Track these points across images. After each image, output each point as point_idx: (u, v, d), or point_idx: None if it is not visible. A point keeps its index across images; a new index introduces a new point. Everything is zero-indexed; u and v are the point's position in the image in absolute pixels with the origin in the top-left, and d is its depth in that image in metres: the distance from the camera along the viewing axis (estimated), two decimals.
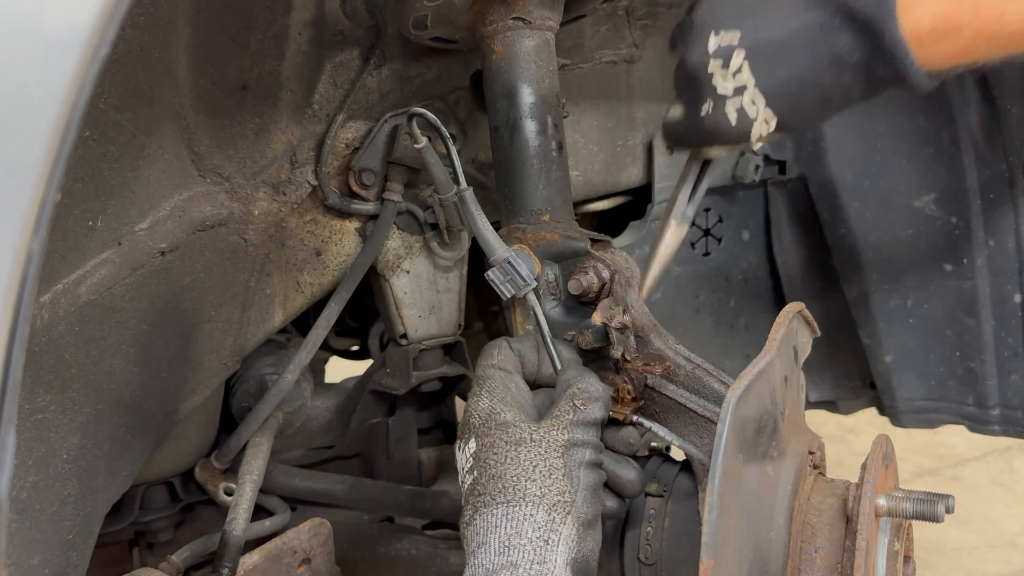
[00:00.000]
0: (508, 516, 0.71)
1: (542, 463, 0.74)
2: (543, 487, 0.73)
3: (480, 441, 0.77)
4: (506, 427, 0.77)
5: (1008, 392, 1.42)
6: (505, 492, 0.73)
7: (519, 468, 0.74)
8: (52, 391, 0.79)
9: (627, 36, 1.31)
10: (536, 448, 0.75)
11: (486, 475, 0.75)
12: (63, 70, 0.46)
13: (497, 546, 0.70)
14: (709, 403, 0.87)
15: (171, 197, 0.92)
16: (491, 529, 0.71)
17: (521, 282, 0.89)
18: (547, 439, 0.76)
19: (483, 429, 0.78)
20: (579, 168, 1.30)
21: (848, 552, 0.75)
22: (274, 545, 1.03)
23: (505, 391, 0.81)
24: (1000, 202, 1.35)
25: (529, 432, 0.76)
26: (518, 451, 0.75)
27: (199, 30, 0.91)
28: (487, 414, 0.79)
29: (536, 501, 0.72)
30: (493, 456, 0.75)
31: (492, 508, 0.72)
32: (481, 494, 0.74)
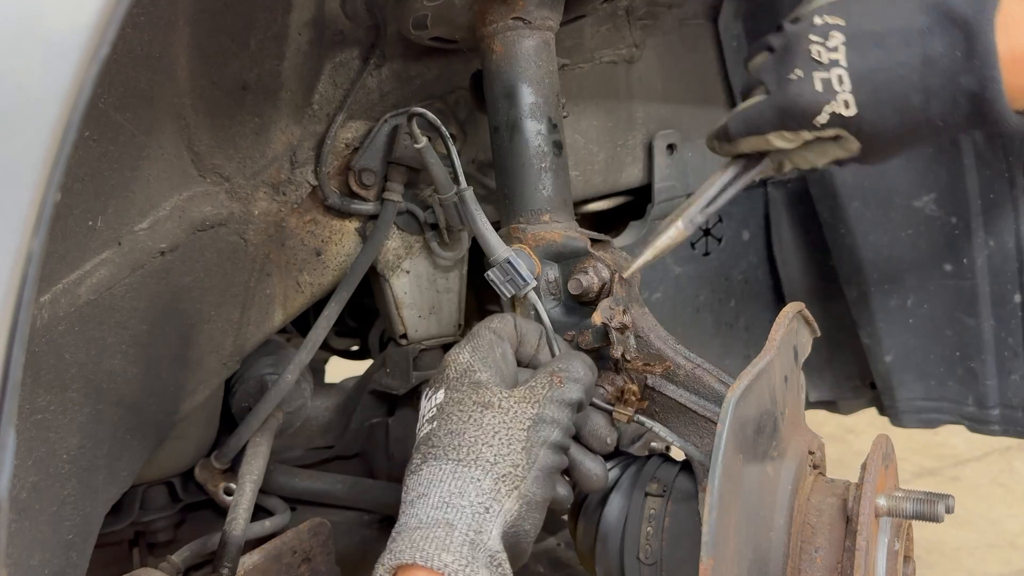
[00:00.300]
0: (455, 474, 0.71)
1: (504, 431, 0.73)
2: (497, 455, 0.72)
3: (449, 394, 0.77)
4: (478, 387, 0.76)
5: (1008, 392, 1.42)
6: (459, 450, 0.72)
7: (480, 430, 0.73)
8: (52, 391, 0.79)
9: (627, 36, 1.31)
10: (502, 415, 0.74)
11: (444, 429, 0.74)
12: (63, 70, 0.46)
13: (437, 500, 0.69)
14: (709, 403, 0.87)
15: (171, 197, 0.92)
16: (435, 482, 0.71)
17: (521, 282, 0.89)
18: (515, 409, 0.75)
19: (455, 383, 0.77)
20: (579, 168, 1.30)
21: (848, 552, 0.75)
22: (274, 545, 1.03)
23: (489, 352, 0.80)
24: (1000, 202, 1.35)
25: (500, 397, 0.75)
26: (483, 413, 0.74)
27: (199, 30, 0.91)
28: (463, 369, 0.78)
29: (487, 467, 0.71)
30: (458, 412, 0.75)
31: (441, 462, 0.72)
32: (435, 446, 0.74)
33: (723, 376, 0.88)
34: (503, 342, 0.83)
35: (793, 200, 1.55)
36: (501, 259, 0.90)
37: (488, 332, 0.82)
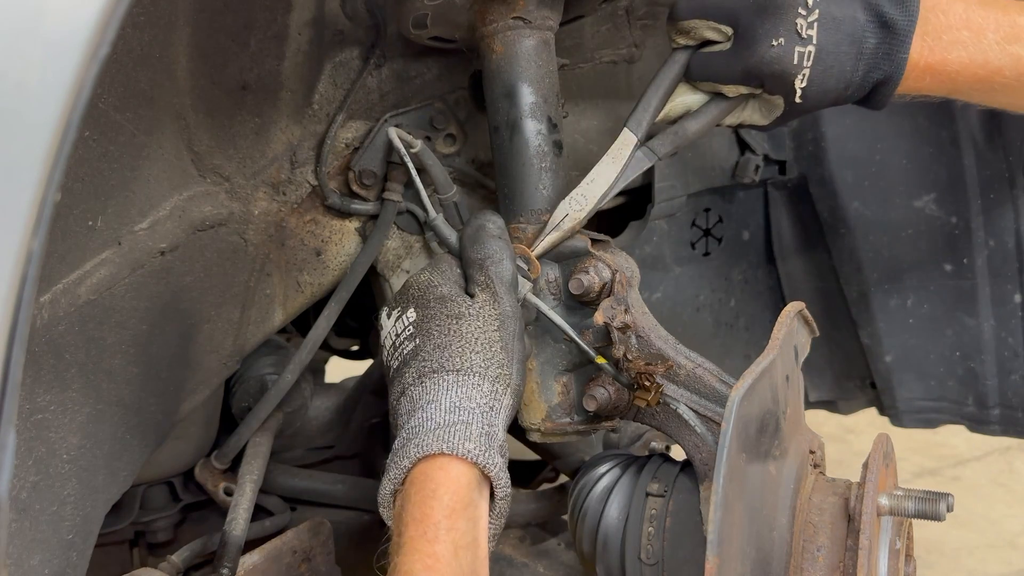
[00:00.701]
0: (459, 383, 0.79)
1: (482, 336, 0.82)
2: (485, 359, 0.81)
3: (420, 312, 0.84)
4: (444, 301, 0.84)
5: (1008, 392, 1.42)
6: (453, 360, 0.80)
7: (463, 340, 0.81)
8: (52, 391, 0.79)
9: (627, 36, 1.31)
10: (475, 321, 0.82)
11: (431, 344, 0.82)
12: (63, 70, 0.46)
13: (448, 405, 0.78)
14: (711, 403, 0.87)
15: (171, 197, 0.92)
16: (442, 390, 0.79)
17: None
18: (482, 313, 0.83)
19: (422, 300, 0.85)
20: (579, 168, 1.29)
21: (850, 551, 0.75)
22: (274, 545, 1.03)
23: (447, 270, 0.89)
24: (1000, 202, 1.35)
25: (467, 306, 0.83)
26: (459, 324, 0.82)
27: (199, 30, 0.90)
28: (425, 286, 0.86)
29: (482, 372, 0.80)
30: (436, 327, 0.82)
31: (442, 374, 0.80)
32: (427, 360, 0.81)
33: (724, 376, 0.88)
34: (452, 259, 0.93)
35: (793, 200, 1.55)
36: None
37: (438, 255, 0.93)
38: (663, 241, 1.46)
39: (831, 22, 0.86)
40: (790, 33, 0.86)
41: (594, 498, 0.94)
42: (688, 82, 0.96)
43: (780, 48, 0.86)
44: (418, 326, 0.84)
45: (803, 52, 0.86)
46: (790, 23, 0.85)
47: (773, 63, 0.86)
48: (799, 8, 0.85)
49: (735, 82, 0.91)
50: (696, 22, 0.91)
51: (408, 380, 0.82)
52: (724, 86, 0.93)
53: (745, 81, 0.90)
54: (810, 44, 0.86)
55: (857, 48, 0.87)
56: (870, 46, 0.87)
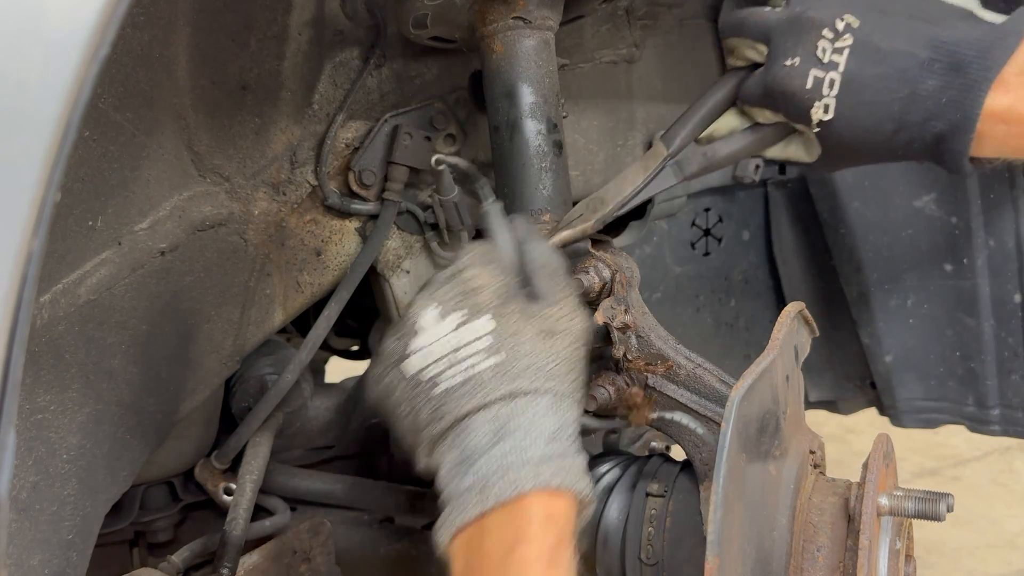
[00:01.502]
0: (555, 407, 0.72)
1: (573, 355, 0.75)
2: (574, 381, 0.75)
3: (500, 323, 0.73)
4: (527, 316, 0.74)
5: (1008, 392, 1.42)
6: (549, 382, 0.72)
7: (557, 359, 0.74)
8: (52, 391, 0.79)
9: (627, 36, 1.31)
10: (567, 338, 0.75)
11: (523, 362, 0.72)
12: (63, 70, 0.46)
13: (549, 434, 0.70)
14: (711, 403, 0.87)
15: (171, 197, 0.92)
16: (541, 414, 0.71)
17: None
18: (573, 329, 0.76)
19: (499, 309, 0.74)
20: (579, 168, 1.29)
21: (850, 551, 0.75)
22: (274, 545, 1.03)
23: (510, 272, 0.78)
24: (1000, 202, 1.35)
25: (555, 321, 0.75)
26: (552, 343, 0.74)
27: (199, 30, 0.90)
28: (503, 293, 0.75)
29: (574, 396, 0.75)
30: (525, 343, 0.73)
31: (538, 396, 0.71)
32: (517, 378, 0.71)
33: (724, 376, 0.88)
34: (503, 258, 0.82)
35: (793, 200, 1.55)
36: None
37: (494, 249, 0.80)
38: (663, 241, 1.46)
39: (872, 53, 0.79)
40: (808, 55, 0.82)
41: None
42: (737, 107, 0.93)
43: (792, 68, 0.82)
44: (499, 338, 0.72)
45: (821, 78, 0.80)
46: (810, 44, 0.81)
47: (782, 82, 0.83)
48: (824, 30, 0.81)
49: (757, 103, 0.88)
50: (735, 41, 0.89)
51: (493, 396, 0.71)
52: (752, 109, 0.90)
53: (765, 103, 0.87)
54: (834, 71, 0.80)
55: (910, 88, 0.78)
56: (929, 88, 0.77)
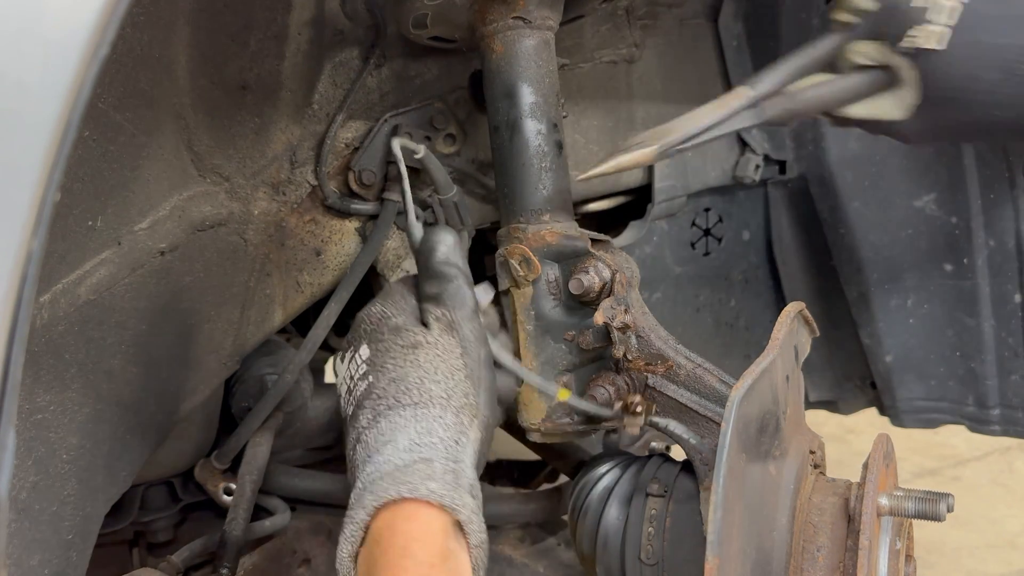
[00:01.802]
0: (417, 417, 0.69)
1: (442, 364, 0.73)
2: (447, 389, 0.71)
3: (373, 347, 0.75)
4: (399, 331, 0.75)
5: (1008, 392, 1.42)
6: (410, 393, 0.71)
7: (419, 370, 0.72)
8: (52, 391, 0.79)
9: (627, 36, 1.31)
10: (433, 349, 0.73)
11: (385, 379, 0.72)
12: (63, 70, 0.46)
13: (407, 443, 0.68)
14: (711, 403, 0.87)
15: (171, 197, 0.92)
16: (399, 429, 0.69)
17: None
18: (441, 340, 0.74)
19: (374, 334, 0.76)
20: (579, 168, 1.29)
21: (850, 551, 0.75)
22: (274, 545, 1.03)
23: (397, 299, 0.80)
24: (1000, 202, 1.35)
25: (423, 334, 0.74)
26: (416, 353, 0.73)
27: (199, 30, 0.90)
28: (378, 319, 0.77)
29: (443, 403, 0.71)
30: (391, 360, 0.73)
31: (398, 410, 0.70)
32: (381, 397, 0.71)
33: (724, 376, 0.88)
34: (404, 288, 0.83)
35: (793, 200, 1.55)
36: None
37: (389, 285, 0.83)
38: (663, 241, 1.46)
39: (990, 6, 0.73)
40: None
41: (594, 498, 0.94)
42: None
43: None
44: (371, 363, 0.74)
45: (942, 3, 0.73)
46: None
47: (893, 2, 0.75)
48: None
49: (863, 35, 0.80)
50: None
51: (362, 424, 0.72)
52: (854, 46, 0.82)
53: (872, 30, 0.79)
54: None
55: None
56: None
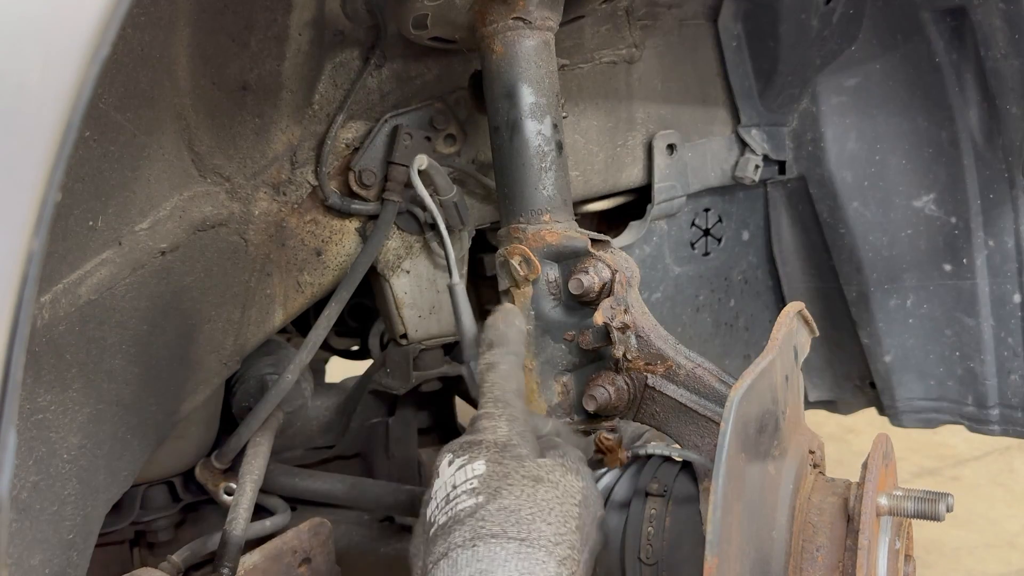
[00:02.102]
0: (520, 554, 0.65)
1: (559, 507, 0.69)
2: (557, 534, 0.67)
3: (492, 467, 0.71)
4: (522, 460, 0.71)
5: (1008, 392, 1.42)
6: (519, 527, 0.67)
7: (535, 507, 0.68)
8: (52, 391, 0.79)
9: (627, 36, 1.31)
10: (554, 490, 0.70)
11: (496, 504, 0.68)
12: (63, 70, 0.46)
13: None
14: (710, 403, 0.87)
15: (171, 197, 0.92)
16: (499, 561, 0.65)
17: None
18: (564, 483, 0.71)
19: (496, 456, 0.72)
20: (579, 168, 1.30)
21: (850, 551, 0.75)
22: (274, 545, 1.03)
23: (524, 424, 0.76)
24: (1000, 202, 1.36)
25: (548, 471, 0.71)
26: (535, 488, 0.69)
27: (199, 30, 0.90)
28: (504, 442, 0.73)
29: (550, 548, 0.66)
30: (507, 486, 0.69)
31: (502, 541, 0.66)
32: (486, 520, 0.67)
33: (724, 376, 0.88)
34: (524, 405, 0.80)
35: (793, 200, 1.55)
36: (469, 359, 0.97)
37: (516, 399, 0.79)
38: (663, 241, 1.46)
39: None
40: None
41: None
42: None
43: None
44: (485, 481, 0.69)
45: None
46: None
47: None
48: None
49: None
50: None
51: (456, 540, 0.67)
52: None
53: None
54: None
55: None
56: None
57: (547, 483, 0.70)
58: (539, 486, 0.69)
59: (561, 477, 0.71)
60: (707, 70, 1.44)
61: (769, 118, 1.49)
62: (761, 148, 1.47)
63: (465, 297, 1.03)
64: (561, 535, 0.68)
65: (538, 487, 0.69)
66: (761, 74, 1.45)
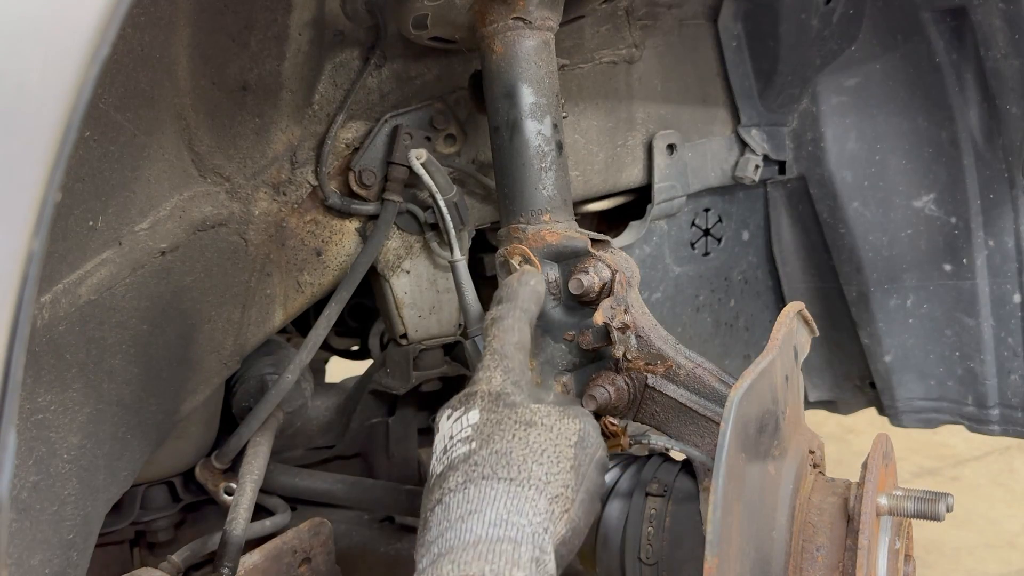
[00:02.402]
0: (509, 493, 0.66)
1: (552, 448, 0.70)
2: (548, 473, 0.68)
3: (485, 415, 0.72)
4: (515, 407, 0.73)
5: (1007, 392, 1.42)
6: (509, 468, 0.68)
7: (527, 448, 0.69)
8: (52, 391, 0.79)
9: (627, 36, 1.31)
10: (547, 432, 0.71)
11: (488, 448, 0.69)
12: (63, 70, 0.46)
13: (494, 517, 0.65)
14: (710, 403, 0.87)
15: (171, 197, 0.92)
16: (488, 500, 0.66)
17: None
18: (559, 425, 0.72)
19: (490, 404, 0.73)
20: (579, 168, 1.30)
21: (850, 551, 0.75)
22: (274, 545, 1.03)
23: (520, 373, 0.77)
24: (1000, 202, 1.36)
25: (541, 415, 0.72)
26: (527, 432, 0.70)
27: (199, 30, 0.91)
28: (497, 391, 0.75)
29: (540, 486, 0.67)
30: (499, 432, 0.71)
31: (491, 481, 0.67)
32: (478, 464, 0.69)
33: (724, 376, 0.88)
34: (524, 358, 0.80)
35: (793, 200, 1.55)
36: (473, 335, 0.96)
37: (515, 351, 0.80)
38: (663, 241, 1.46)
39: None
40: None
41: None
42: None
43: None
44: (478, 428, 0.71)
45: None
46: None
47: None
48: None
49: None
50: None
51: (450, 485, 0.68)
52: None
53: None
54: None
55: None
56: None
57: (540, 427, 0.71)
58: (531, 429, 0.71)
59: (556, 421, 0.72)
60: (707, 70, 1.44)
61: (769, 118, 1.49)
62: (761, 148, 1.47)
63: (467, 274, 1.04)
64: (553, 474, 0.68)
65: (530, 431, 0.71)
66: (761, 74, 1.45)
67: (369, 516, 1.42)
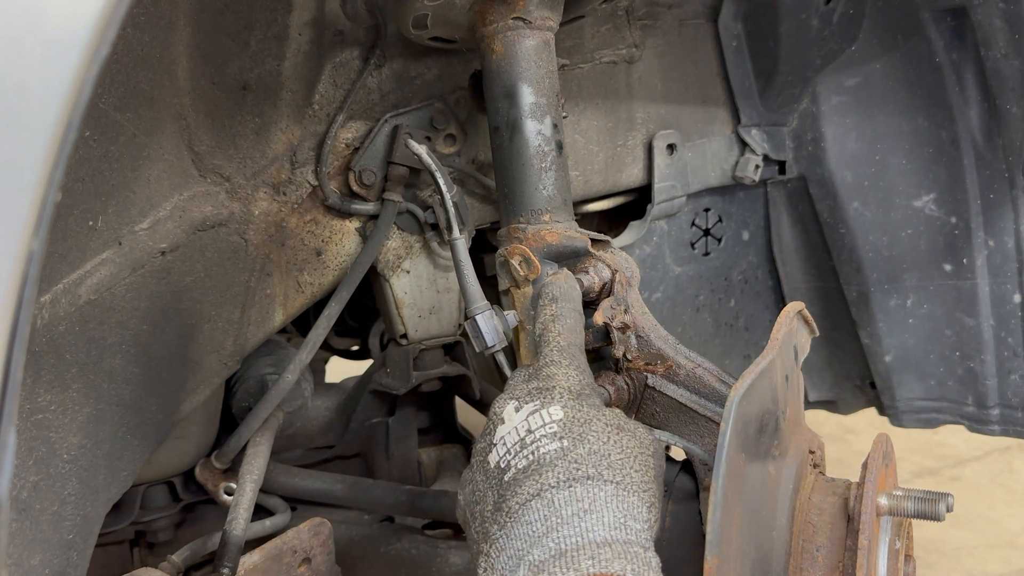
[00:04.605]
0: (619, 497, 0.67)
1: (641, 456, 0.71)
2: (644, 480, 0.69)
3: (570, 413, 0.72)
4: (601, 409, 0.73)
5: (1008, 392, 1.42)
6: (613, 471, 0.68)
7: (623, 454, 0.70)
8: (52, 391, 0.79)
9: (627, 36, 1.31)
10: (635, 439, 0.72)
11: (584, 448, 0.69)
12: (64, 70, 0.46)
13: (613, 520, 0.65)
14: (710, 403, 0.87)
15: (171, 197, 0.92)
16: (601, 502, 0.66)
17: (482, 342, 0.92)
18: (641, 433, 0.73)
19: (572, 402, 0.73)
20: (579, 168, 1.30)
21: (850, 551, 0.75)
22: (274, 545, 1.03)
23: (590, 375, 0.79)
24: (1000, 202, 1.36)
25: (624, 420, 0.73)
26: (620, 436, 0.71)
27: (199, 30, 0.91)
28: (578, 390, 0.75)
29: (640, 493, 0.68)
30: (591, 432, 0.70)
31: (598, 483, 0.67)
32: (579, 463, 0.68)
33: (724, 376, 0.88)
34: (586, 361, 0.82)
35: (793, 200, 1.55)
36: (476, 313, 0.94)
37: (580, 353, 0.80)
38: (663, 241, 1.46)
39: None
40: None
41: None
42: None
43: None
44: (567, 426, 0.71)
45: None
46: None
47: None
48: None
49: None
50: None
51: (549, 481, 0.68)
52: None
53: None
54: None
55: None
56: None
57: (628, 432, 0.72)
58: (623, 434, 0.71)
59: (636, 428, 0.73)
60: (707, 70, 1.45)
61: (769, 118, 1.49)
62: (761, 148, 1.47)
63: (467, 252, 1.03)
64: (646, 482, 0.69)
65: (622, 435, 0.71)
66: (761, 74, 1.45)
67: (369, 516, 1.42)
